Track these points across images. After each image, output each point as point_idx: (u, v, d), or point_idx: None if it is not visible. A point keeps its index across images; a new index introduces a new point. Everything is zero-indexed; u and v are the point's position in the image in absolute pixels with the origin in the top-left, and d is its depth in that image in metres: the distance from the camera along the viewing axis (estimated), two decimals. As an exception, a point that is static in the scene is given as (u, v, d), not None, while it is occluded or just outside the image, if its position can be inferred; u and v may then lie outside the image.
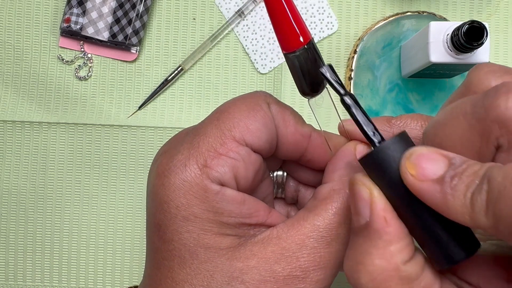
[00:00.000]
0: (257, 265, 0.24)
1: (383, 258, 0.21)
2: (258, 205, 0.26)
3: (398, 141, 0.21)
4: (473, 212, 0.18)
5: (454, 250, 0.20)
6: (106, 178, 0.47)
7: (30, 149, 0.47)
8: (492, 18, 0.48)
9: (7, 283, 0.47)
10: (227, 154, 0.25)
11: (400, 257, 0.21)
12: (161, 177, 0.25)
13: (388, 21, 0.47)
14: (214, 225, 0.25)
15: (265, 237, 0.25)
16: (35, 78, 0.48)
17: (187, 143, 0.26)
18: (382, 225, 0.21)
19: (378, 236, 0.21)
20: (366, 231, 0.21)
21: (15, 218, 0.47)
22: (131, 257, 0.47)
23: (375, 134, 0.22)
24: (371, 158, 0.21)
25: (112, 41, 0.47)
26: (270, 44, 0.48)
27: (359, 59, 0.47)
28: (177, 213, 0.25)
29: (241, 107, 0.26)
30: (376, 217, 0.21)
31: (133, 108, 0.48)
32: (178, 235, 0.25)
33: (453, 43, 0.38)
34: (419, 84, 0.47)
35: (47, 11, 0.48)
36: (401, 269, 0.20)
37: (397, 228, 0.21)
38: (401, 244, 0.21)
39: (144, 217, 0.47)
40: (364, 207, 0.21)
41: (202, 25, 0.48)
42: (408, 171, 0.20)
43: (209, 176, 0.24)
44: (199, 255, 0.24)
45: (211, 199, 0.24)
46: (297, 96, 0.48)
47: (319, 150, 0.28)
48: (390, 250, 0.21)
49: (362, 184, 0.22)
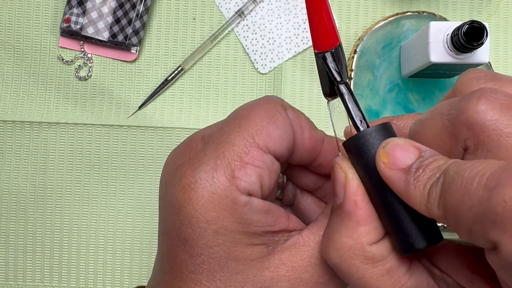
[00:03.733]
0: (287, 273, 0.25)
1: (351, 237, 0.22)
2: (280, 212, 0.26)
3: (380, 129, 0.22)
4: (428, 202, 0.19)
5: (415, 239, 0.21)
6: (106, 178, 0.47)
7: (30, 149, 0.47)
8: (492, 18, 0.48)
9: (7, 283, 0.47)
10: (253, 162, 0.25)
11: (366, 238, 0.22)
12: (187, 191, 0.24)
13: (388, 21, 0.47)
14: (243, 237, 0.24)
15: (292, 244, 0.25)
16: (35, 78, 0.48)
17: (211, 153, 0.25)
18: (353, 207, 0.22)
19: (348, 217, 0.22)
20: (339, 211, 0.22)
21: (15, 218, 0.47)
22: (131, 257, 0.47)
23: (362, 122, 0.23)
24: (353, 142, 0.22)
25: (112, 41, 0.47)
26: (270, 44, 0.48)
27: (359, 59, 0.47)
28: (207, 227, 0.24)
29: (261, 114, 0.26)
30: (348, 199, 0.22)
31: (133, 108, 0.48)
32: (208, 249, 0.24)
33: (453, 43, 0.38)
34: (419, 84, 0.47)
35: (47, 11, 0.48)
36: (366, 249, 0.22)
37: (366, 211, 0.22)
38: (369, 226, 0.22)
39: (144, 217, 0.47)
40: (339, 188, 0.23)
41: (202, 25, 0.48)
42: (381, 159, 0.21)
43: (238, 187, 0.24)
44: (229, 268, 0.24)
45: (240, 211, 0.24)
46: (296, 97, 0.48)
47: (331, 154, 0.28)
48: (358, 230, 0.22)
49: (339, 167, 0.23)
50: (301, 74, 0.48)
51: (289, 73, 0.48)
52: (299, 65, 0.48)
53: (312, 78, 0.48)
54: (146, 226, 0.47)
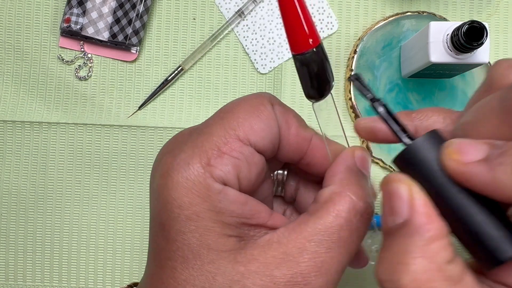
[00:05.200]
0: (258, 270, 0.24)
1: (426, 257, 0.20)
2: (259, 207, 0.26)
3: (431, 137, 0.21)
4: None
5: (505, 247, 0.19)
6: (106, 178, 0.47)
7: (30, 149, 0.47)
8: (492, 18, 0.48)
9: (7, 283, 0.47)
10: (230, 153, 0.25)
11: (443, 256, 0.20)
12: (164, 177, 0.25)
13: (388, 21, 0.47)
14: (216, 225, 0.24)
15: (266, 241, 0.25)
16: (35, 78, 0.48)
17: (191, 142, 0.26)
18: (424, 222, 0.20)
19: (419, 234, 0.20)
20: (405, 230, 0.20)
21: (15, 218, 0.47)
22: (131, 257, 0.47)
23: (405, 133, 0.22)
24: (405, 156, 0.21)
25: (112, 41, 0.47)
26: (270, 44, 0.48)
27: (359, 59, 0.47)
28: (180, 212, 0.24)
29: (246, 107, 0.26)
30: (417, 213, 0.20)
31: (133, 108, 0.48)
32: (181, 235, 0.25)
33: (453, 43, 0.38)
34: (419, 84, 0.47)
35: (47, 11, 0.48)
36: (445, 268, 0.19)
37: (439, 225, 0.20)
38: (444, 242, 0.20)
39: (144, 217, 0.47)
40: (402, 205, 0.20)
41: (202, 25, 0.48)
42: (450, 157, 0.20)
43: (212, 174, 0.24)
44: (201, 256, 0.24)
45: (214, 198, 0.24)
46: (296, 97, 0.48)
47: (319, 154, 0.28)
48: (433, 248, 0.20)
49: (400, 181, 0.21)
50: (301, 74, 0.48)
51: (289, 73, 0.48)
52: (299, 65, 0.48)
53: (312, 78, 0.48)
54: (146, 226, 0.47)
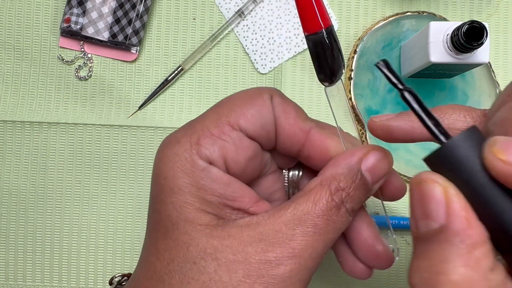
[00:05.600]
0: (231, 245, 0.25)
1: (469, 265, 0.18)
2: (244, 191, 0.27)
3: (471, 134, 0.19)
4: None
5: None
6: (106, 178, 0.47)
7: (30, 149, 0.47)
8: (492, 18, 0.48)
9: (7, 283, 0.47)
10: (219, 136, 0.26)
11: (486, 264, 0.18)
12: (159, 152, 0.27)
13: (388, 21, 0.47)
14: (196, 200, 0.25)
15: (245, 222, 0.25)
16: (35, 78, 0.48)
17: (187, 124, 0.28)
18: (464, 227, 0.18)
19: (459, 240, 0.18)
20: (442, 236, 0.19)
21: (15, 218, 0.47)
22: (131, 257, 0.47)
23: (440, 130, 0.20)
24: (440, 155, 0.19)
25: (112, 41, 0.47)
26: (270, 44, 0.48)
27: (359, 59, 0.47)
28: (165, 184, 0.26)
29: (242, 96, 0.28)
30: (456, 218, 0.19)
31: (133, 108, 0.48)
32: (164, 205, 0.26)
33: (453, 43, 0.38)
34: (419, 84, 0.47)
35: (47, 11, 0.48)
36: (489, 277, 0.18)
37: (479, 230, 0.19)
38: (485, 248, 0.19)
39: (144, 217, 0.47)
40: (438, 208, 0.19)
41: (202, 25, 0.48)
42: (497, 157, 0.18)
43: (198, 152, 0.26)
44: (179, 227, 0.25)
45: (197, 175, 0.25)
46: (296, 96, 0.48)
47: (317, 147, 0.28)
48: (475, 255, 0.18)
49: (434, 182, 0.19)
50: (301, 74, 0.48)
51: (289, 73, 0.48)
52: (299, 65, 0.48)
53: (312, 78, 0.48)
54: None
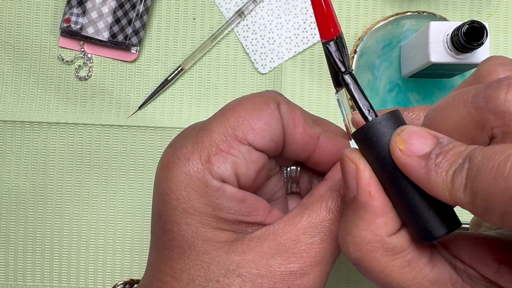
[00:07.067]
0: (253, 259, 0.25)
1: (368, 230, 0.21)
2: (258, 204, 0.26)
3: (390, 118, 0.22)
4: (452, 188, 0.19)
5: (434, 226, 0.21)
6: (106, 178, 0.47)
7: (30, 149, 0.47)
8: (492, 18, 0.48)
9: (7, 283, 0.47)
10: (228, 151, 0.26)
11: (385, 230, 0.21)
12: (164, 169, 0.26)
13: (388, 21, 0.47)
14: (212, 220, 0.25)
15: (262, 233, 0.25)
16: (35, 78, 0.48)
17: (192, 137, 0.26)
18: (367, 199, 0.21)
19: (363, 209, 0.22)
20: (354, 204, 0.22)
21: (15, 218, 0.47)
22: (131, 257, 0.47)
23: (370, 111, 0.22)
24: (362, 132, 0.22)
25: (112, 41, 0.47)
26: (270, 44, 0.48)
27: (359, 59, 0.47)
28: (177, 205, 0.25)
29: (247, 106, 0.27)
30: (362, 190, 0.22)
31: (133, 108, 0.48)
32: (177, 226, 0.25)
33: (453, 43, 0.38)
34: (419, 84, 0.47)
35: (47, 11, 0.48)
36: (385, 241, 0.21)
37: (382, 202, 0.21)
38: (386, 217, 0.21)
39: (144, 217, 0.47)
40: (351, 181, 0.22)
41: (202, 25, 0.48)
42: (397, 146, 0.21)
43: (211, 172, 0.25)
44: (196, 247, 0.25)
45: (211, 195, 0.25)
46: (296, 96, 0.48)
47: (326, 152, 0.28)
48: (376, 222, 0.21)
49: (348, 159, 0.22)
50: (301, 74, 0.48)
51: (289, 73, 0.48)
52: (299, 65, 0.48)
53: (312, 78, 0.48)
54: (146, 226, 0.47)
